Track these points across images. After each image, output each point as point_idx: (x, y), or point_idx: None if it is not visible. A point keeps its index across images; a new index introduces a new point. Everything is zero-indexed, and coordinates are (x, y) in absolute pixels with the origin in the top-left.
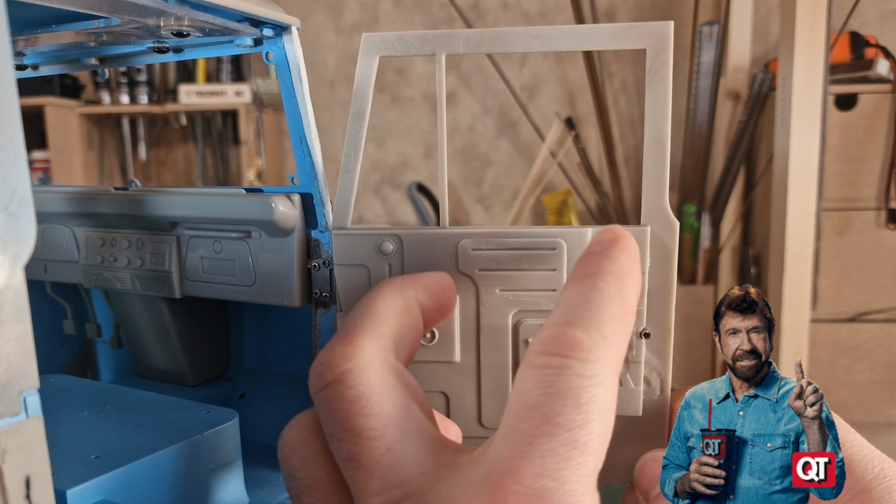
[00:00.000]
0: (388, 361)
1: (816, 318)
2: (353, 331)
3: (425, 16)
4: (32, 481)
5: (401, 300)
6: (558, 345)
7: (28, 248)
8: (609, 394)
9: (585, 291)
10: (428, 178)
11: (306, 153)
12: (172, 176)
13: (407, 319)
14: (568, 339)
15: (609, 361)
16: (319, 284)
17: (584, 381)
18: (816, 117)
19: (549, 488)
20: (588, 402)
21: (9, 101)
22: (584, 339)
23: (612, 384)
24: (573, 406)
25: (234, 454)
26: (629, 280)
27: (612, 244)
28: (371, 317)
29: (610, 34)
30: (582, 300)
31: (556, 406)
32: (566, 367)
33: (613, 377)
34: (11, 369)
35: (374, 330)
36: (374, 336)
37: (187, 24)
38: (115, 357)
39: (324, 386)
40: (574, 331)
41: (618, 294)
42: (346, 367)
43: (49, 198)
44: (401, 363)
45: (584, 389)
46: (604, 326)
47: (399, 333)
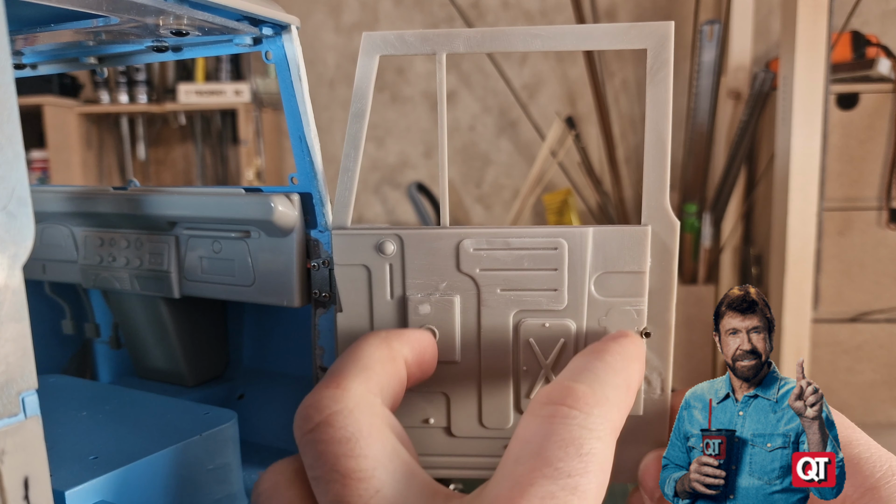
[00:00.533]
0: (375, 405)
1: (818, 318)
2: (340, 375)
3: (425, 15)
4: (31, 482)
5: (387, 350)
6: (564, 396)
7: (26, 248)
8: (608, 451)
9: (592, 361)
10: (428, 177)
11: (306, 153)
12: (171, 175)
13: (392, 368)
14: (574, 391)
15: (610, 422)
16: (319, 284)
17: (586, 432)
18: (818, 117)
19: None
20: (589, 452)
21: (7, 100)
22: (589, 394)
23: (611, 444)
24: (575, 454)
25: (234, 455)
26: (634, 364)
27: (622, 335)
28: (358, 363)
29: (610, 34)
30: (588, 367)
31: (559, 452)
32: (570, 417)
33: (612, 438)
34: (10, 370)
35: (361, 375)
36: (361, 380)
37: (186, 22)
38: (113, 357)
39: (311, 428)
40: (580, 385)
41: (622, 370)
42: (334, 408)
43: (47, 197)
44: (387, 409)
45: (585, 440)
46: (607, 389)
47: (385, 381)
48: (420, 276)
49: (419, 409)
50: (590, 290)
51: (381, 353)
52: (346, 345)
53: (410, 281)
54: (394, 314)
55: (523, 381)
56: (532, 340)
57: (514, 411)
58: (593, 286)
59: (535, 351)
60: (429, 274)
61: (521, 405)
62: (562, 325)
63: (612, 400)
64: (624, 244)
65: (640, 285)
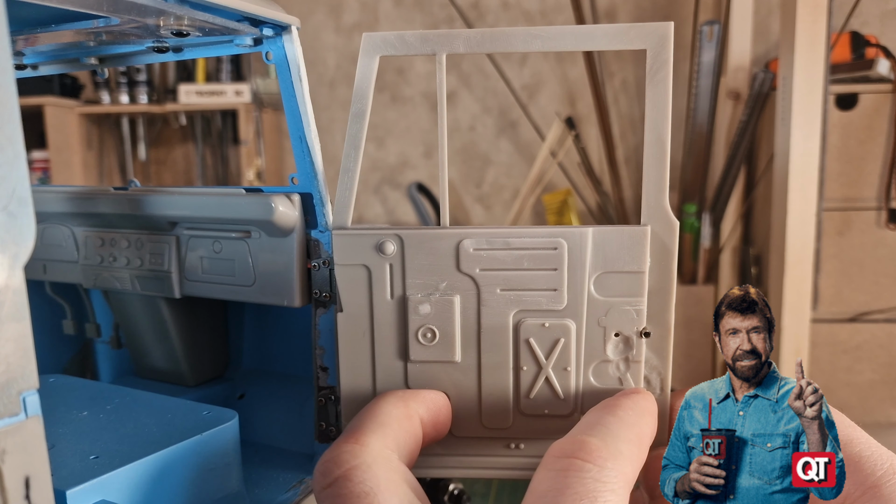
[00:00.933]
0: (392, 461)
1: (817, 318)
2: (359, 431)
3: (425, 15)
4: (32, 481)
5: (403, 408)
6: (577, 450)
7: (27, 248)
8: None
9: (605, 416)
10: (428, 177)
11: (306, 153)
12: (172, 176)
13: (409, 426)
14: (587, 445)
15: (623, 476)
16: (319, 284)
17: (600, 485)
18: (817, 117)
19: None
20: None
21: (8, 100)
22: (602, 448)
23: (625, 497)
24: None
25: (234, 454)
26: (646, 419)
27: (634, 391)
28: (376, 420)
29: (610, 34)
30: (601, 422)
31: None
32: (584, 471)
33: (626, 491)
34: (11, 369)
35: (378, 431)
36: (379, 437)
37: (187, 23)
38: (114, 357)
39: (330, 482)
40: (593, 439)
41: (635, 424)
42: (353, 463)
43: (48, 198)
44: (403, 465)
45: (600, 493)
46: (620, 444)
47: (402, 438)
48: (420, 276)
49: None
50: (589, 290)
51: (398, 412)
52: (346, 344)
53: (410, 281)
54: (394, 314)
55: (523, 381)
56: (532, 340)
57: (514, 411)
58: (593, 286)
59: (534, 351)
60: (429, 274)
61: (520, 405)
62: (561, 325)
63: (625, 454)
64: (623, 244)
65: (640, 285)
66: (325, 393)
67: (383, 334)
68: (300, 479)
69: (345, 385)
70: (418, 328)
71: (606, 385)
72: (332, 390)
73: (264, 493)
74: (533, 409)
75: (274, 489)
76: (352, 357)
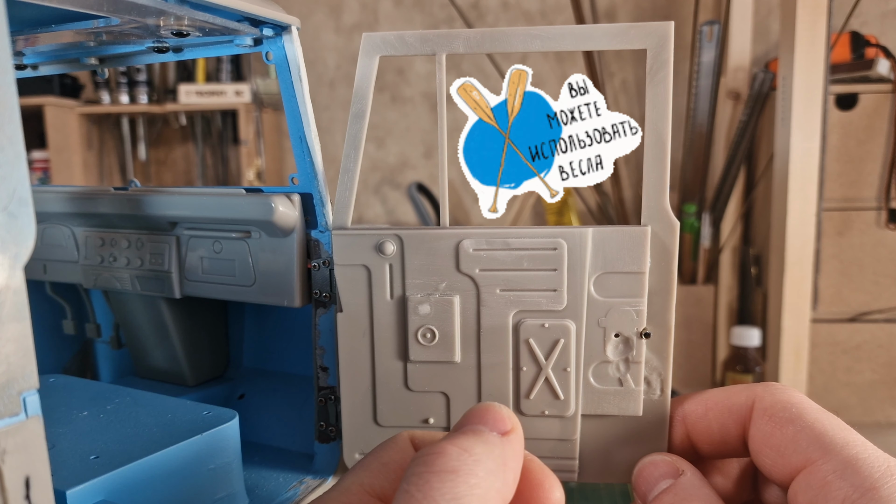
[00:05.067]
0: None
1: (817, 318)
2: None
3: (425, 15)
4: (32, 482)
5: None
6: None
7: (28, 248)
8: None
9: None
10: (428, 177)
11: (306, 153)
12: (172, 176)
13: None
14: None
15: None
16: (319, 284)
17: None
18: (817, 117)
19: None
20: None
21: (8, 100)
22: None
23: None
24: None
25: (234, 454)
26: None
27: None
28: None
29: (610, 34)
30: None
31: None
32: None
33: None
34: (11, 369)
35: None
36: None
37: (187, 23)
38: (114, 357)
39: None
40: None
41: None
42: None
43: (48, 198)
44: None
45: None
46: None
47: None
48: (420, 276)
49: (419, 409)
50: (589, 291)
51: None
52: (346, 344)
53: (410, 281)
54: (393, 314)
55: (523, 382)
56: (531, 341)
57: (514, 411)
58: (593, 286)
59: (534, 351)
60: (429, 274)
61: (520, 405)
62: (561, 326)
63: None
64: (623, 245)
65: (640, 286)
66: (325, 393)
67: (383, 334)
68: (300, 479)
69: (345, 385)
70: (418, 328)
71: (606, 386)
72: (332, 390)
73: (264, 493)
74: (532, 409)
75: (274, 489)
76: (352, 357)
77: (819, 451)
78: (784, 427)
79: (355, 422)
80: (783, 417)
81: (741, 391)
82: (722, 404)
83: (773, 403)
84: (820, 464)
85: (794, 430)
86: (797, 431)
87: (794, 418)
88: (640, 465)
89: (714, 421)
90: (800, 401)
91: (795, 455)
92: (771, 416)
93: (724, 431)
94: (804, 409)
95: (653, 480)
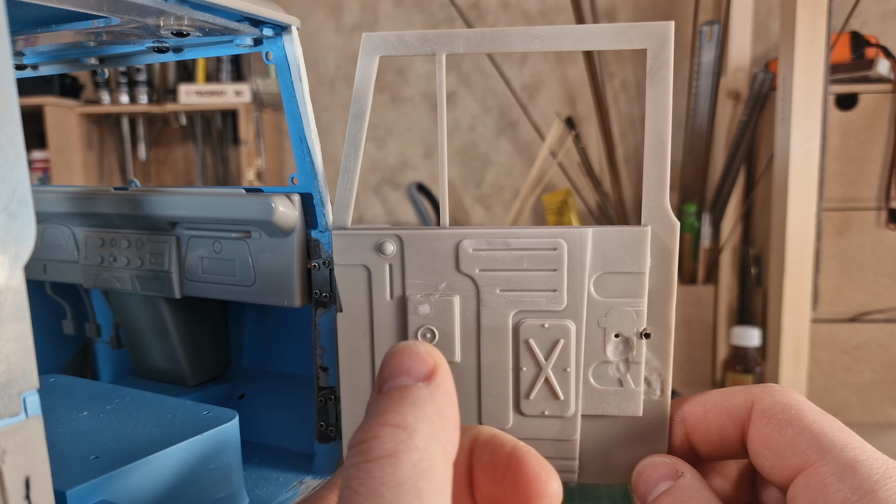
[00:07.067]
0: None
1: (817, 318)
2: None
3: (425, 15)
4: (32, 482)
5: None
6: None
7: (28, 249)
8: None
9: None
10: (428, 177)
11: (306, 153)
12: (172, 176)
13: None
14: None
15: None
16: (319, 284)
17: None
18: (817, 117)
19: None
20: None
21: (8, 100)
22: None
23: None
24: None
25: (234, 454)
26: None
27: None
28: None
29: (610, 34)
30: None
31: None
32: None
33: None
34: (11, 369)
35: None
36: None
37: (187, 23)
38: (114, 357)
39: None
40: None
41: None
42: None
43: (48, 198)
44: None
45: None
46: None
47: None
48: (420, 276)
49: None
50: (589, 291)
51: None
52: (346, 344)
53: (410, 281)
54: (393, 314)
55: (522, 382)
56: (531, 341)
57: (514, 412)
58: (593, 287)
59: (534, 351)
60: (428, 274)
61: (520, 406)
62: (561, 326)
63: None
64: (623, 245)
65: (640, 286)
66: (325, 393)
67: (383, 334)
68: (300, 479)
69: (345, 385)
70: (418, 328)
71: (606, 386)
72: (332, 390)
73: (264, 493)
74: (532, 409)
75: (274, 489)
76: (352, 357)
77: (818, 453)
78: (783, 429)
79: (355, 422)
80: (782, 419)
81: (740, 393)
82: (721, 406)
83: (771, 405)
84: (819, 466)
85: (793, 432)
86: (796, 433)
87: (793, 420)
88: (639, 466)
89: (713, 422)
90: (799, 402)
91: (794, 457)
92: (770, 417)
93: (723, 433)
94: (803, 410)
95: (652, 482)
